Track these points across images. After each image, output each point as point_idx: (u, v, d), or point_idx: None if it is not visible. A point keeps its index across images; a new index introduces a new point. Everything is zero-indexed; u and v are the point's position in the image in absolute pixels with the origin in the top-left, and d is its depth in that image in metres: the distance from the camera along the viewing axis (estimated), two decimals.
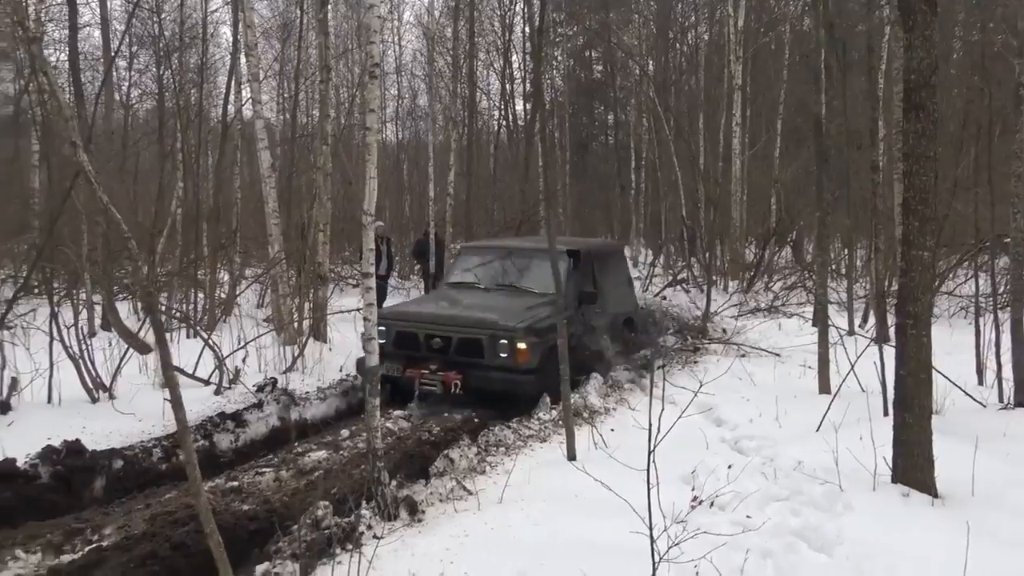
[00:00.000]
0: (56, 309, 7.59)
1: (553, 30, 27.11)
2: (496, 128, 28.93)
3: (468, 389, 7.41)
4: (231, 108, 16.66)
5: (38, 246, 9.02)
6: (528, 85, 27.30)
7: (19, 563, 4.03)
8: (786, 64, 20.75)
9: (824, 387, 7.50)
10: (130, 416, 6.66)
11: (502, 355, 7.38)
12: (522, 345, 7.33)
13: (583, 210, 28.46)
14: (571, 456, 5.79)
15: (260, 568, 3.89)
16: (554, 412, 7.09)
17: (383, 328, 7.50)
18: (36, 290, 9.97)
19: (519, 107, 29.39)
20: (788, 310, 12.73)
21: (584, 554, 4.01)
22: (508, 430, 6.54)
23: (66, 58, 12.88)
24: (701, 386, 4.56)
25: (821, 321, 7.96)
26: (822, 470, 5.02)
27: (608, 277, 9.50)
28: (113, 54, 15.94)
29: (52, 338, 7.20)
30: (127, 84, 19.88)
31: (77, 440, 5.75)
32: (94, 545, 4.26)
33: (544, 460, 5.91)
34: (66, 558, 4.12)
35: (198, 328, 10.30)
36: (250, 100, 10.88)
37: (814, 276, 11.49)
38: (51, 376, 7.00)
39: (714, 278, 14.85)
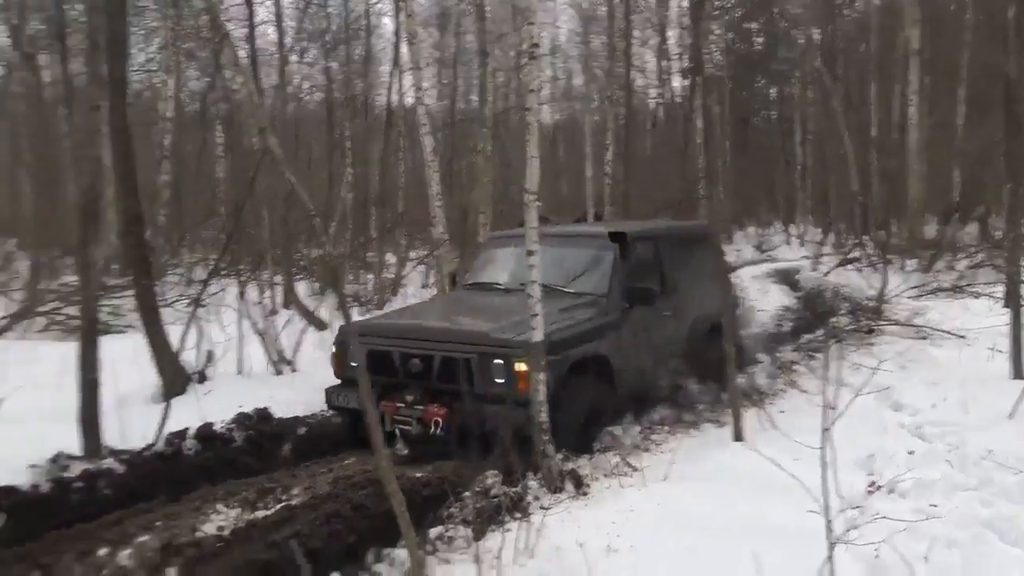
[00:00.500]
0: (243, 289, 8.23)
1: (711, 2, 26.36)
2: (653, 106, 28.50)
3: (454, 428, 5.37)
4: (394, 96, 17.33)
5: (227, 231, 9.77)
6: (685, 61, 26.71)
7: (220, 516, 4.44)
8: (969, 25, 19.13)
9: (1018, 372, 6.92)
10: (310, 388, 7.11)
11: (497, 380, 5.33)
12: (522, 367, 5.23)
13: (745, 187, 27.57)
14: (737, 437, 5.66)
15: (434, 531, 4.08)
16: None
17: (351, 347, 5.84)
18: (224, 272, 10.84)
19: (675, 84, 28.85)
20: (975, 290, 11.81)
21: (753, 533, 3.92)
22: (671, 410, 6.47)
23: (244, 55, 13.84)
24: (880, 364, 4.34)
25: (1014, 301, 7.33)
26: (1016, 459, 4.66)
27: (685, 270, 7.26)
28: (287, 49, 16.95)
29: (240, 315, 7.83)
30: (299, 77, 21.09)
31: (265, 408, 6.27)
32: (284, 503, 4.61)
33: (709, 440, 5.82)
34: (260, 514, 4.48)
35: (369, 307, 10.85)
36: (412, 87, 11.27)
37: (1005, 253, 10.58)
38: (240, 350, 7.61)
39: (890, 257, 13.99)
